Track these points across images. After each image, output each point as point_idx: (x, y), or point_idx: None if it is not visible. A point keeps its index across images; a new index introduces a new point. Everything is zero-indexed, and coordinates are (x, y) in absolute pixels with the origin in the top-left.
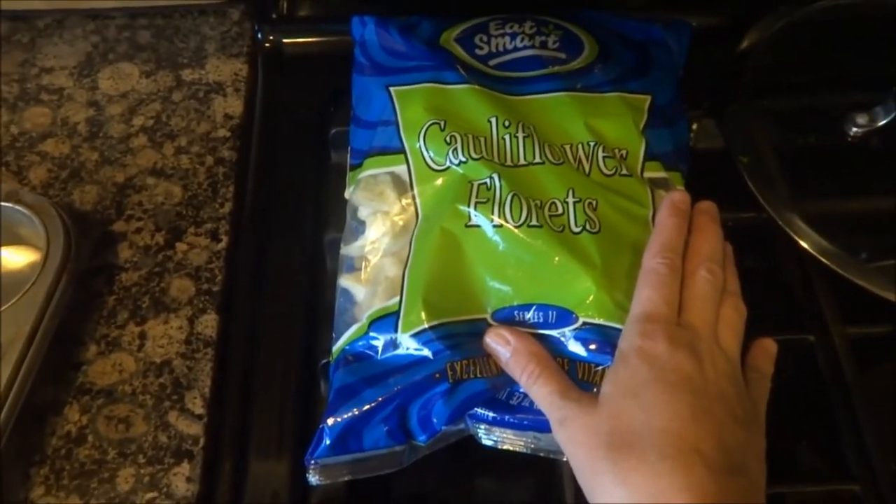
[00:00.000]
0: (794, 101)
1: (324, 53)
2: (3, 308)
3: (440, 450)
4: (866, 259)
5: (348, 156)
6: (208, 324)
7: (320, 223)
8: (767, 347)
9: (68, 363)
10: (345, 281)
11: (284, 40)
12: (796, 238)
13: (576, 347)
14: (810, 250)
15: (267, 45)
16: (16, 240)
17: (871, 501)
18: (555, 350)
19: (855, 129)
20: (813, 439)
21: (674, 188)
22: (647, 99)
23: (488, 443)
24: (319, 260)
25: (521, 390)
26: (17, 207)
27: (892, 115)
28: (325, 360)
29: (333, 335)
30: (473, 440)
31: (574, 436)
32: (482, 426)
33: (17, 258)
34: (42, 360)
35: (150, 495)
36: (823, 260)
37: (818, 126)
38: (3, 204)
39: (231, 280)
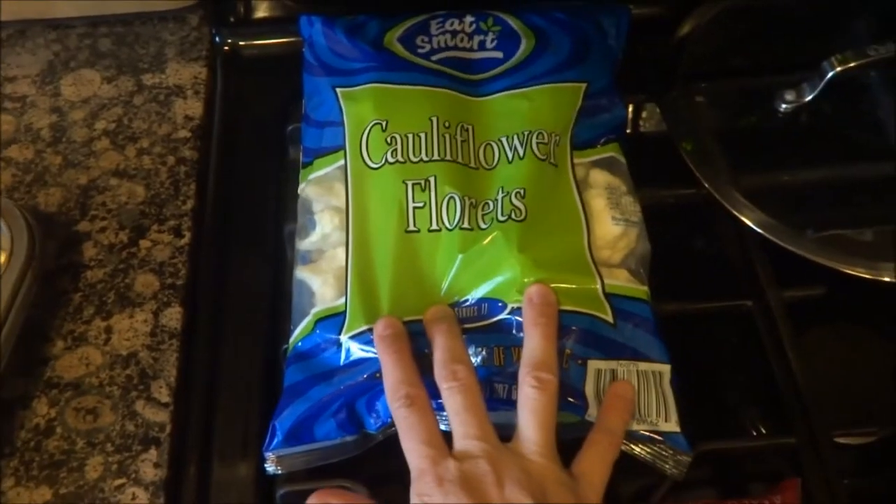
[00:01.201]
0: (729, 84)
1: (280, 54)
2: None
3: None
4: (798, 227)
5: (301, 154)
6: (173, 316)
7: (280, 216)
8: (622, 393)
9: (36, 358)
10: (300, 272)
11: (241, 43)
12: (734, 211)
13: (509, 332)
14: (747, 222)
15: (225, 48)
16: None
17: (808, 453)
18: (495, 339)
19: (785, 106)
20: (755, 397)
21: (613, 157)
22: (583, 86)
23: (442, 427)
24: (280, 251)
25: None
26: None
27: (818, 90)
28: (285, 346)
29: (291, 325)
30: None
31: None
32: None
33: None
34: (9, 356)
35: (118, 482)
36: (759, 230)
37: (753, 105)
38: None
39: (194, 274)
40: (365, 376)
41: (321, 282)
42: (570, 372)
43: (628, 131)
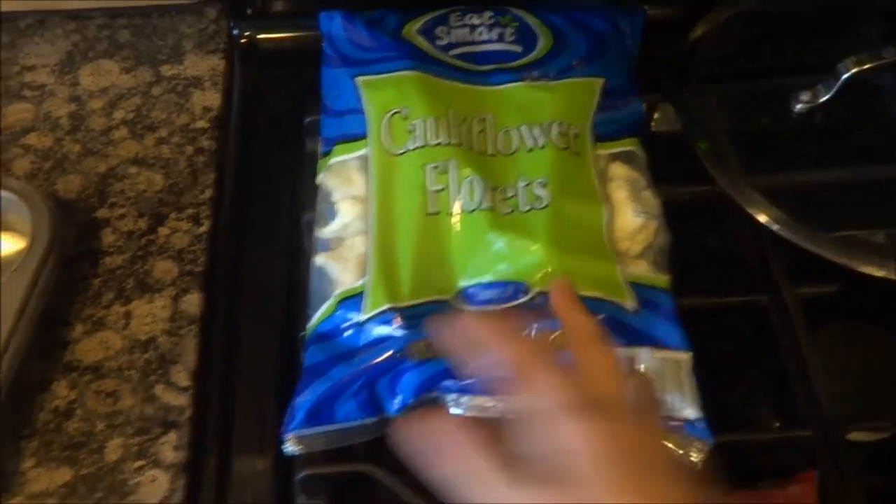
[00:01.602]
0: (743, 85)
1: (297, 48)
2: None
3: None
4: (812, 226)
5: (319, 145)
6: (192, 302)
7: (297, 206)
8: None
9: (56, 342)
10: (320, 259)
11: (259, 36)
12: (748, 209)
13: (534, 315)
14: (762, 219)
15: (242, 40)
16: (3, 226)
17: (822, 446)
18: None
19: (799, 107)
20: (767, 393)
21: (633, 151)
22: (600, 82)
23: (458, 411)
24: (297, 240)
25: None
26: (3, 193)
27: (833, 92)
28: (302, 333)
29: (309, 311)
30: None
31: None
32: (450, 396)
33: (6, 243)
34: (30, 339)
35: (138, 464)
36: (773, 227)
37: (766, 106)
38: None
39: (213, 261)
40: (386, 355)
41: (341, 268)
42: None
43: None
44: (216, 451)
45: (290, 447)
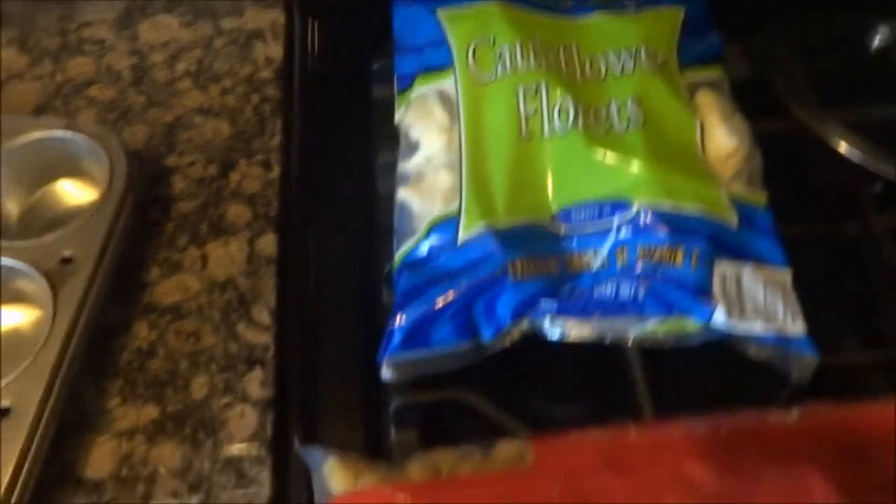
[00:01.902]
0: (816, 25)
1: None
2: (63, 232)
3: (505, 350)
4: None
5: (395, 84)
6: (268, 244)
7: (369, 150)
8: None
9: (133, 286)
10: (402, 193)
11: None
12: (831, 142)
13: (638, 233)
14: (845, 152)
15: None
16: (77, 172)
17: None
18: (618, 240)
19: (877, 44)
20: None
21: (719, 79)
22: (680, 13)
23: (554, 334)
24: (370, 183)
25: (584, 285)
26: (79, 137)
27: None
28: (387, 269)
29: (395, 245)
30: (538, 336)
31: None
32: (546, 318)
33: (79, 190)
34: (109, 283)
35: (226, 400)
36: (857, 159)
37: (841, 44)
38: (65, 133)
39: (287, 204)
40: (485, 275)
41: (425, 201)
42: (698, 271)
43: None
44: (303, 386)
45: (387, 373)
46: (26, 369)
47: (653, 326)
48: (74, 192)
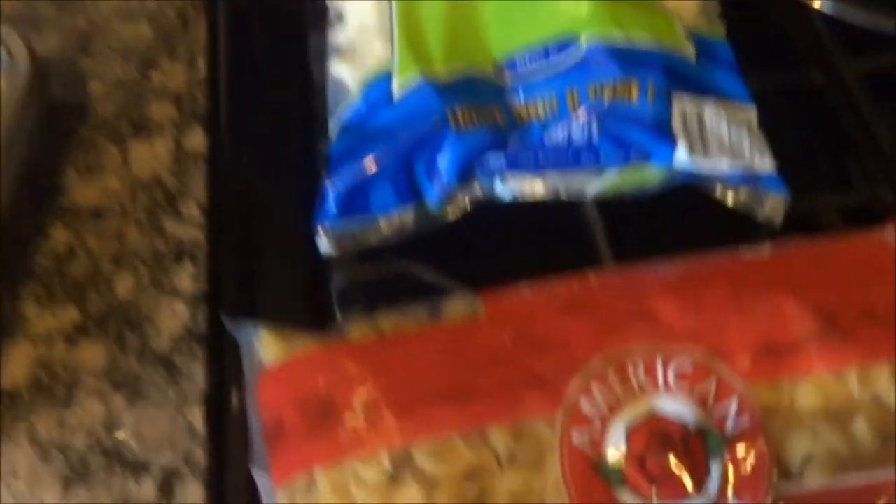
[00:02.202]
0: None
1: None
2: None
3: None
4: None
5: None
6: (196, 140)
7: (300, 36)
8: None
9: (48, 190)
10: (334, 67)
11: None
12: None
13: (587, 72)
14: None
15: None
16: None
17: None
18: (567, 81)
19: None
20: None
21: None
22: None
23: (504, 193)
24: (305, 66)
25: (533, 135)
26: None
27: None
28: (323, 142)
29: (329, 120)
30: (489, 206)
31: None
32: (496, 176)
33: None
34: (16, 188)
35: (154, 297)
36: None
37: None
38: None
39: (215, 99)
40: (424, 129)
41: (359, 71)
42: (655, 105)
43: None
44: (239, 277)
45: (324, 244)
46: None
47: (612, 178)
48: None
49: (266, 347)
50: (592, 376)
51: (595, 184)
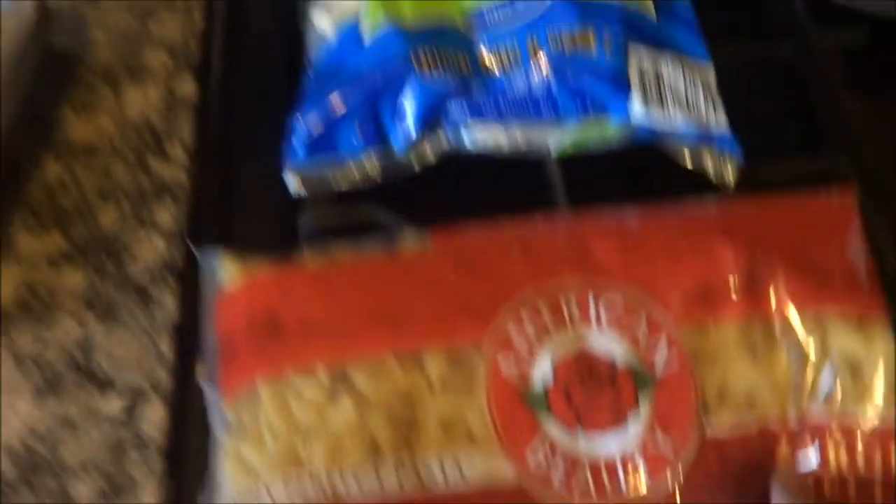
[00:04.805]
0: None
1: None
2: None
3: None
4: None
5: None
6: (186, 88)
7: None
8: None
9: (44, 125)
10: (314, 17)
11: None
12: None
13: (548, 22)
14: None
15: None
16: None
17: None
18: (529, 32)
19: None
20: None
21: None
22: None
23: (469, 143)
24: (293, 25)
25: (497, 84)
26: None
27: None
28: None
29: (306, 63)
30: (454, 159)
31: None
32: (461, 125)
33: None
34: (18, 120)
35: (135, 230)
36: None
37: None
38: None
39: (208, 49)
40: (389, 67)
41: (335, 17)
42: (613, 57)
43: None
44: (216, 217)
45: (293, 183)
46: None
47: (571, 131)
48: None
49: (226, 271)
50: (523, 305)
51: (556, 136)
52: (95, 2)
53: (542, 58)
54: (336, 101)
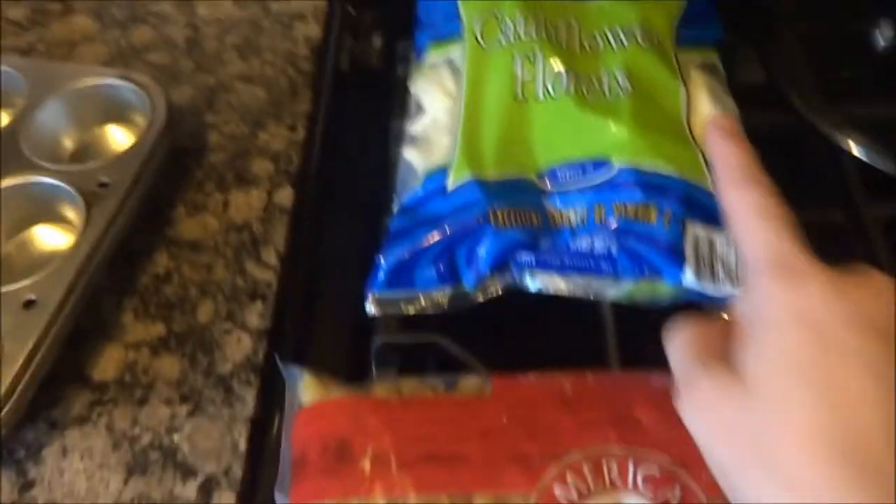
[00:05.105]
0: (825, 24)
1: None
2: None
3: (487, 302)
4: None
5: (412, 58)
6: (284, 196)
7: (387, 117)
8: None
9: (160, 220)
10: (407, 153)
11: None
12: (829, 135)
13: (615, 191)
14: (844, 145)
15: None
16: (126, 119)
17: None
18: (597, 197)
19: (883, 43)
20: None
21: (714, 64)
22: (683, 2)
23: (533, 287)
24: (385, 147)
25: (563, 239)
26: (130, 84)
27: None
28: (386, 222)
29: (395, 198)
30: (519, 292)
31: (696, 416)
32: (527, 271)
33: (125, 135)
34: (138, 212)
35: (226, 326)
36: (855, 152)
37: (849, 43)
38: (118, 81)
39: (306, 163)
40: (468, 220)
41: (427, 159)
42: (670, 229)
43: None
44: (298, 321)
45: (371, 307)
46: (54, 270)
47: (628, 287)
48: (121, 137)
49: (306, 389)
50: (569, 466)
51: (612, 290)
52: (216, 110)
53: (607, 223)
54: (418, 241)
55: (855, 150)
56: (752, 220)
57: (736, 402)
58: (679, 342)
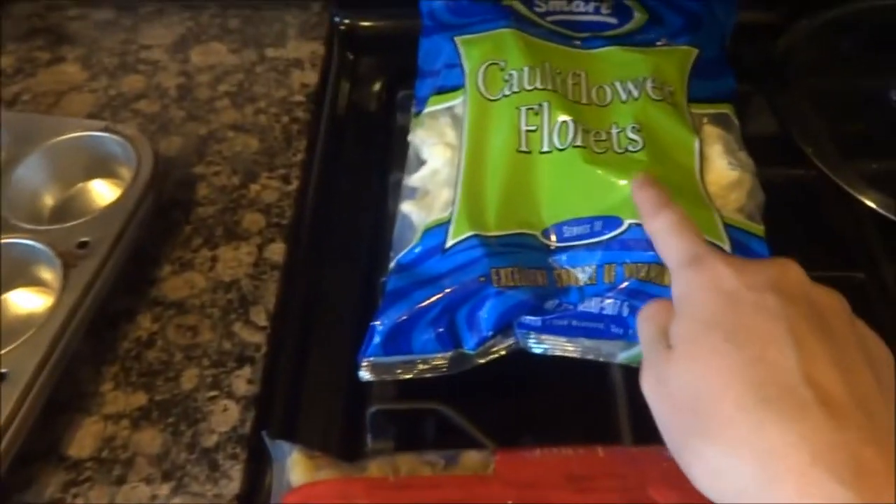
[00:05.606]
0: (839, 81)
1: (394, 33)
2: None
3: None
4: None
5: (412, 108)
6: (276, 251)
7: (385, 168)
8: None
9: (144, 279)
10: (405, 206)
11: (358, 22)
12: (848, 190)
13: (626, 250)
14: (863, 200)
15: (342, 27)
16: (110, 173)
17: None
18: (606, 256)
19: None
20: None
21: (728, 115)
22: (695, 51)
23: (538, 350)
24: (383, 201)
25: (570, 300)
26: (114, 137)
27: None
28: (383, 278)
29: (391, 255)
30: (523, 353)
31: (650, 390)
32: (531, 334)
33: (110, 190)
34: (120, 271)
35: (211, 393)
36: (874, 207)
37: (862, 102)
38: (102, 134)
39: (299, 216)
40: (468, 280)
41: (425, 213)
42: None
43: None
44: (288, 387)
45: (365, 374)
46: (27, 340)
47: (639, 351)
48: (105, 192)
49: (295, 468)
50: None
51: (622, 353)
52: (206, 160)
53: (617, 284)
54: (416, 302)
55: (872, 204)
56: (669, 237)
57: (673, 369)
58: (640, 322)
